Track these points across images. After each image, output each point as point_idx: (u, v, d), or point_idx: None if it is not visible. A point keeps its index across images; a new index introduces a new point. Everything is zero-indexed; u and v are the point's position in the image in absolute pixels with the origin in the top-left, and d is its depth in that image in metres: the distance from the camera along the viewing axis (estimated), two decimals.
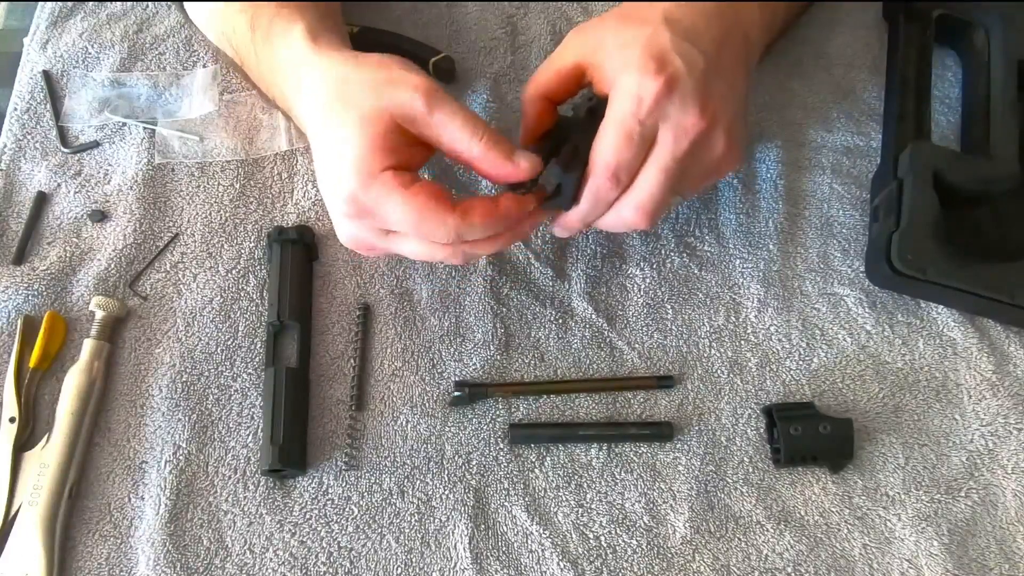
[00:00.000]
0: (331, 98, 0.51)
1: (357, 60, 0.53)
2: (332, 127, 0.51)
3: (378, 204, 0.49)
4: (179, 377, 0.59)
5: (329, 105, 0.51)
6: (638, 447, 0.57)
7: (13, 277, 0.62)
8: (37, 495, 0.54)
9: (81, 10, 0.73)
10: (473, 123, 0.49)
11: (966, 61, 0.70)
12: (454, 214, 0.49)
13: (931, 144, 0.64)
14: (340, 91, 0.51)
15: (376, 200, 0.49)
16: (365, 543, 0.55)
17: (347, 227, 0.53)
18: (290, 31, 0.56)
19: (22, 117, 0.68)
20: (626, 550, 0.54)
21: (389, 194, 0.49)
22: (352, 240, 0.54)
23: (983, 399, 0.59)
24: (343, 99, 0.50)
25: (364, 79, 0.50)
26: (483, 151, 0.49)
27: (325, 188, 0.53)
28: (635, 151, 0.49)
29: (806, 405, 0.57)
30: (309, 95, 0.54)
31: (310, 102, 0.54)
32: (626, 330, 0.61)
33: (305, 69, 0.55)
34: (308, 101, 0.54)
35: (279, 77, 0.58)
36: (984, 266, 0.58)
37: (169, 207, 0.65)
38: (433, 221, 0.49)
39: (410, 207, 0.48)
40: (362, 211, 0.50)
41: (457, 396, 0.58)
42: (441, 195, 0.49)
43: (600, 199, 0.51)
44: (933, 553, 0.54)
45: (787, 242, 0.64)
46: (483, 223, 0.49)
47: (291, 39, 0.56)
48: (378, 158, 0.49)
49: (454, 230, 0.49)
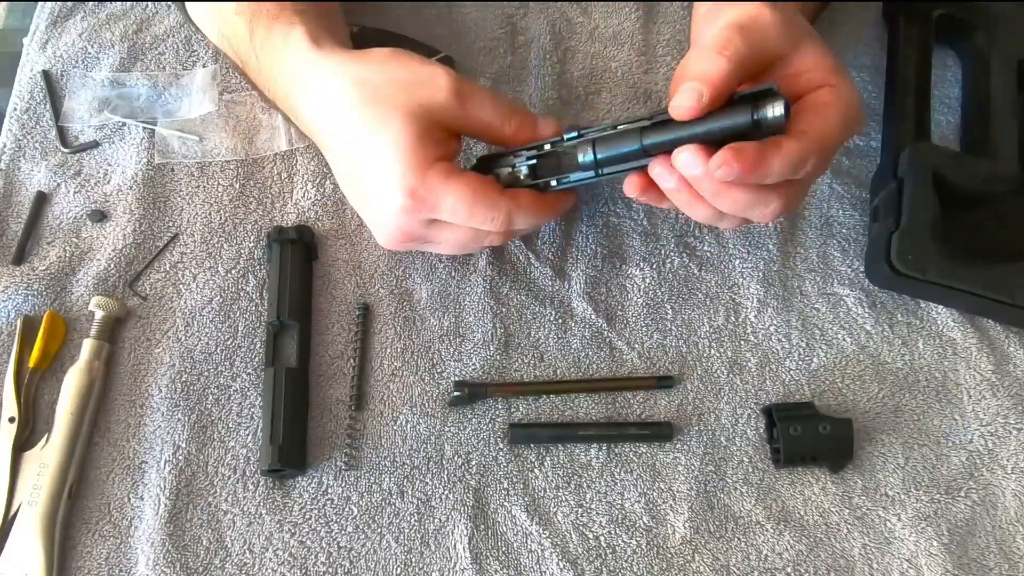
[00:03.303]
0: (359, 100, 0.52)
1: (368, 59, 0.53)
2: (370, 128, 0.52)
3: (436, 193, 0.51)
4: (179, 377, 0.59)
5: (360, 107, 0.52)
6: (638, 447, 0.57)
7: (13, 277, 0.62)
8: (37, 495, 0.54)
9: (81, 10, 0.73)
10: (501, 108, 0.53)
11: (966, 61, 0.70)
12: (505, 197, 0.52)
13: (931, 144, 0.64)
14: (368, 93, 0.52)
15: (434, 190, 0.51)
16: (365, 543, 0.55)
17: (400, 221, 0.53)
18: (290, 34, 0.56)
19: (22, 117, 0.68)
20: (626, 550, 0.54)
21: (445, 183, 0.51)
22: (402, 233, 0.54)
23: (983, 399, 0.59)
24: (375, 100, 0.51)
25: (390, 79, 0.52)
26: (514, 132, 0.53)
27: (374, 187, 0.53)
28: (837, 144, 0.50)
29: (806, 405, 0.57)
30: (321, 98, 0.54)
31: (325, 105, 0.54)
32: (626, 330, 0.61)
33: (309, 72, 0.55)
34: (322, 104, 0.54)
35: (282, 80, 0.58)
36: (984, 266, 0.58)
37: (169, 207, 0.65)
38: (486, 205, 0.51)
39: (466, 193, 0.51)
40: (421, 203, 0.52)
41: (457, 396, 0.58)
42: (490, 182, 0.53)
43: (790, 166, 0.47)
44: (933, 553, 0.54)
45: (787, 242, 0.64)
46: (531, 204, 0.53)
47: (291, 41, 0.56)
48: (429, 151, 0.51)
49: (505, 212, 0.52)
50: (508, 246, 0.63)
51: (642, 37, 0.71)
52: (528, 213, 0.53)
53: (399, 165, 0.51)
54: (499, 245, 0.60)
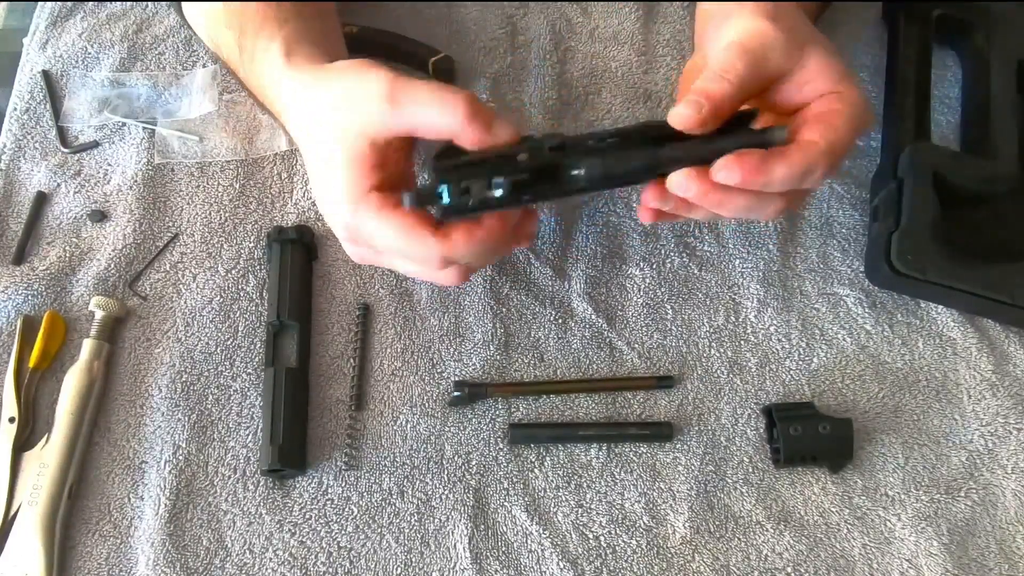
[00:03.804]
0: (308, 121, 0.51)
1: (321, 75, 0.51)
2: (316, 151, 0.50)
3: (367, 228, 0.48)
4: (179, 377, 0.59)
5: (308, 128, 0.51)
6: (638, 447, 0.57)
7: (13, 277, 0.62)
8: (37, 495, 0.54)
9: (81, 10, 0.73)
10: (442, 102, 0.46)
11: (966, 61, 0.70)
12: (436, 236, 0.47)
13: (931, 144, 0.64)
14: (313, 113, 0.50)
15: (365, 225, 0.48)
16: (365, 543, 0.55)
17: (348, 248, 0.53)
18: (269, 49, 0.55)
19: (22, 117, 0.68)
20: (626, 550, 0.54)
21: (375, 217, 0.48)
22: (357, 258, 0.54)
23: (983, 399, 0.59)
24: (318, 121, 0.50)
25: (327, 99, 0.49)
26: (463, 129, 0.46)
27: (323, 211, 0.53)
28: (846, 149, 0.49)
29: (806, 405, 0.57)
30: (289, 115, 0.54)
31: (292, 122, 0.54)
32: (626, 330, 0.61)
33: (282, 88, 0.54)
34: (290, 121, 0.54)
35: (267, 96, 0.57)
36: (984, 266, 0.58)
37: (169, 207, 0.65)
38: (417, 243, 0.47)
39: (394, 230, 0.47)
40: (356, 235, 0.50)
41: (457, 396, 0.58)
42: (421, 219, 0.47)
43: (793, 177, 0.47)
44: (933, 553, 0.54)
45: (787, 242, 0.64)
46: (466, 243, 0.48)
47: (270, 56, 0.55)
48: (363, 179, 0.48)
49: (437, 251, 0.47)
50: None
51: (642, 37, 0.71)
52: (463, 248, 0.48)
53: (335, 196, 0.49)
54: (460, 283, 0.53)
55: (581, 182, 0.48)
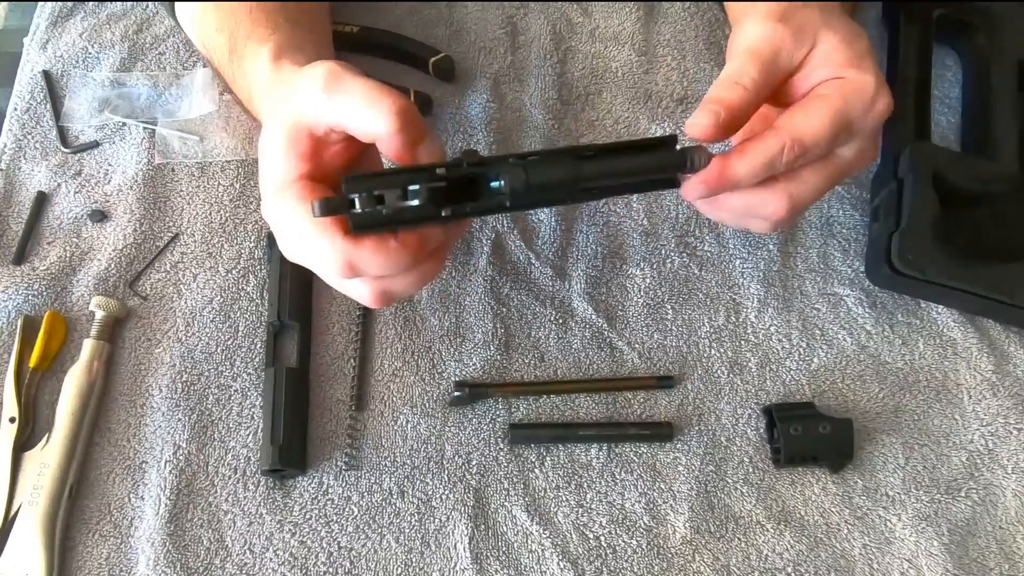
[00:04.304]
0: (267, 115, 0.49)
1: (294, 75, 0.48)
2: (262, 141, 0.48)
3: (285, 217, 0.45)
4: (179, 377, 0.59)
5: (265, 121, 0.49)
6: (638, 447, 0.57)
7: (13, 277, 0.62)
8: (37, 495, 0.54)
9: (81, 10, 0.73)
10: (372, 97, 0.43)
11: (966, 61, 0.70)
12: (345, 238, 0.43)
13: (931, 144, 0.64)
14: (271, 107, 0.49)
15: (283, 213, 0.45)
16: (365, 543, 0.55)
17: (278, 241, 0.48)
18: (257, 53, 0.54)
19: (22, 117, 0.68)
20: (626, 550, 0.54)
21: (294, 208, 0.44)
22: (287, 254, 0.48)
23: (983, 399, 0.59)
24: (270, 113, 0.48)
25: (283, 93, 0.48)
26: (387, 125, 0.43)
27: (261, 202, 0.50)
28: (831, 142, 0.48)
29: (806, 405, 0.57)
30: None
31: None
32: (626, 330, 0.61)
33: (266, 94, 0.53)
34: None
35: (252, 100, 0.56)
36: (984, 266, 0.58)
37: (169, 207, 0.65)
38: (322, 241, 0.43)
39: (306, 222, 0.43)
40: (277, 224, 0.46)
41: (457, 396, 0.58)
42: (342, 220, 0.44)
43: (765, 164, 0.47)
44: (933, 553, 0.54)
45: (787, 242, 0.64)
46: (375, 251, 0.44)
47: (258, 61, 0.54)
48: (292, 165, 0.45)
49: (342, 254, 0.43)
50: (508, 246, 0.63)
51: (642, 37, 0.71)
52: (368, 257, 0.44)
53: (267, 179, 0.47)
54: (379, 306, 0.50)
55: (503, 196, 0.45)
